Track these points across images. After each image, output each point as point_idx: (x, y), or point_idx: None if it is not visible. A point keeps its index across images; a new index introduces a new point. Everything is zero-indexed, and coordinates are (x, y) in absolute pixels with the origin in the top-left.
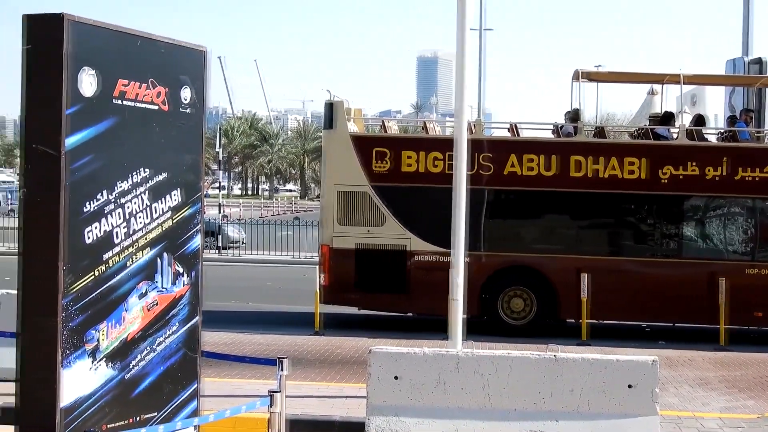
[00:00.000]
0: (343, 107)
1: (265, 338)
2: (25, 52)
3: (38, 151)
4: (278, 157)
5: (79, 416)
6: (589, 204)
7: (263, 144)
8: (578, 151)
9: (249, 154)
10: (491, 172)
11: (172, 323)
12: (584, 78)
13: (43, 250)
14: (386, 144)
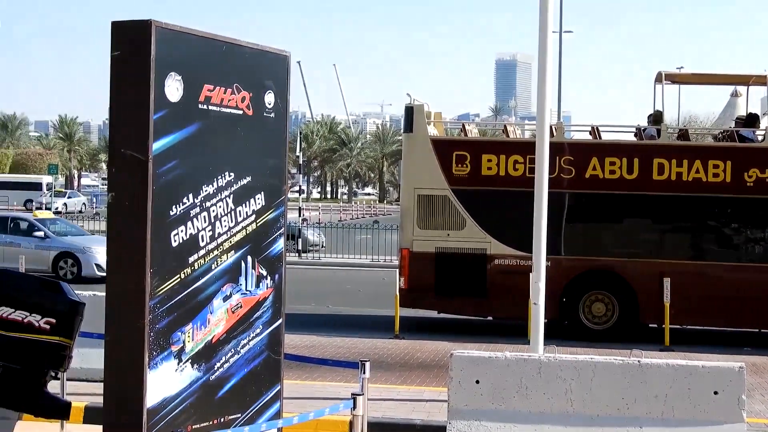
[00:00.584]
0: (423, 111)
1: (344, 341)
2: (113, 58)
3: (126, 155)
4: (357, 161)
5: (164, 417)
6: (671, 207)
7: (342, 148)
8: (661, 153)
9: (328, 158)
10: (572, 175)
11: (255, 326)
12: (667, 80)
13: (130, 253)
14: (466, 147)
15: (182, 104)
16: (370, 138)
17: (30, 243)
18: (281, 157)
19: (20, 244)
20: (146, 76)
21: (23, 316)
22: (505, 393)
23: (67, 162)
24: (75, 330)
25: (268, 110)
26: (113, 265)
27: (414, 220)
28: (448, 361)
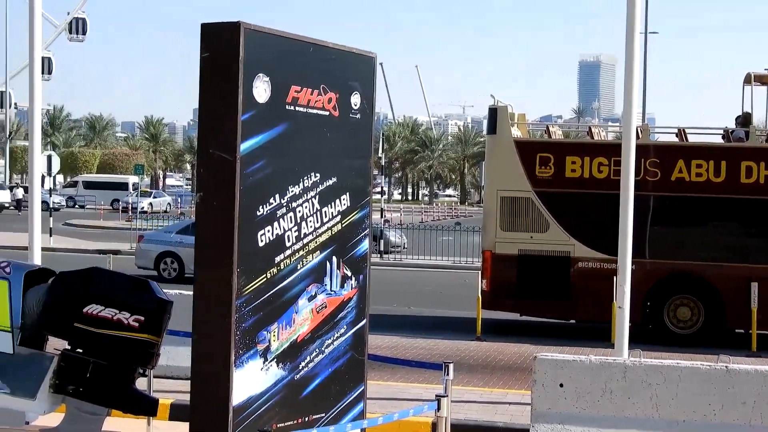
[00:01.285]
0: (506, 112)
1: (426, 343)
2: (202, 59)
3: (214, 156)
4: (438, 163)
5: (250, 415)
6: (760, 211)
7: (424, 149)
8: (750, 156)
9: (409, 159)
10: (658, 177)
11: (340, 326)
12: (756, 82)
13: (218, 253)
14: (550, 149)
15: (270, 105)
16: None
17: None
18: (367, 158)
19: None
20: (235, 78)
21: (113, 314)
22: (589, 397)
23: (152, 162)
24: (163, 328)
25: (354, 111)
26: (201, 265)
27: (497, 222)
28: (530, 364)
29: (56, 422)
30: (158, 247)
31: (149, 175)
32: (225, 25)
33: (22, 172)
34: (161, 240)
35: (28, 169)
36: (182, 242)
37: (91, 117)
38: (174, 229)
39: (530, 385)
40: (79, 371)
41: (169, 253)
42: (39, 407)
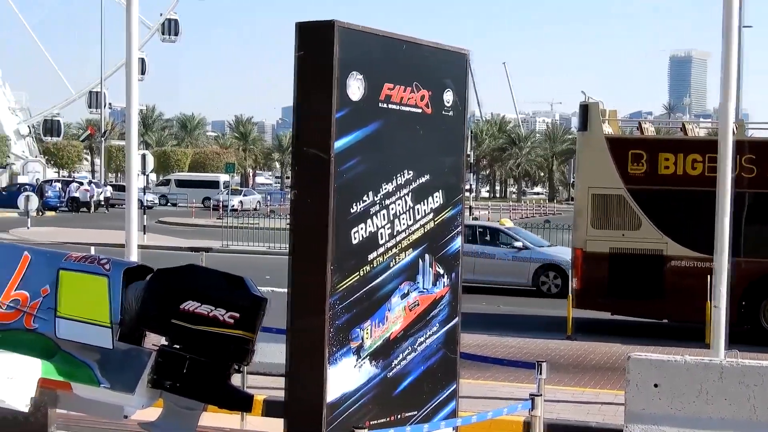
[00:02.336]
0: (597, 109)
1: (516, 341)
2: (297, 58)
3: (308, 153)
4: (526, 160)
5: (343, 412)
6: None
7: (512, 147)
8: None
9: (497, 156)
10: (754, 174)
11: (432, 324)
12: None
13: (312, 250)
14: (643, 146)
15: (363, 103)
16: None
17: (506, 254)
18: (459, 156)
19: (494, 255)
20: (329, 76)
21: (209, 310)
22: (684, 398)
23: (242, 161)
24: (257, 324)
25: (446, 108)
26: (296, 262)
27: (588, 219)
28: (622, 364)
29: (153, 417)
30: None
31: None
32: (320, 24)
33: (117, 171)
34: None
35: (125, 168)
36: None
37: (183, 116)
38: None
39: (623, 385)
40: (176, 367)
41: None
42: (137, 402)
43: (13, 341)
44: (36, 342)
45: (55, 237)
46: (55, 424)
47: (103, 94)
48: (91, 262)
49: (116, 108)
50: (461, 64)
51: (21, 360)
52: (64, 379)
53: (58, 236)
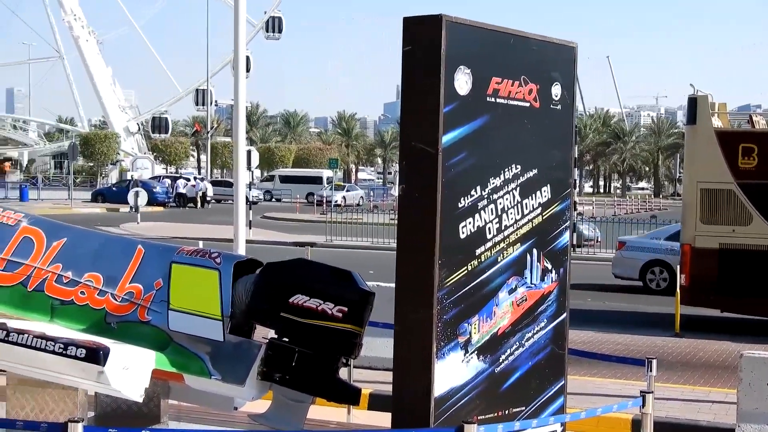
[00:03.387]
0: (707, 102)
1: (623, 338)
2: (404, 53)
3: (416, 148)
4: (631, 155)
5: (451, 407)
6: None
7: (616, 141)
8: None
9: (601, 151)
10: None
11: (540, 319)
12: None
13: (420, 245)
14: (754, 139)
15: (471, 97)
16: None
17: None
18: (567, 150)
19: None
20: (437, 70)
21: (317, 304)
22: None
23: (345, 156)
24: (365, 318)
25: (554, 102)
26: (403, 257)
27: (696, 215)
28: (733, 362)
29: (263, 409)
30: (645, 255)
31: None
32: (427, 19)
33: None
34: (648, 247)
35: (233, 164)
36: (673, 249)
37: (286, 113)
38: (662, 235)
39: (734, 383)
40: (285, 359)
41: (657, 261)
42: (247, 394)
43: (127, 333)
44: (149, 334)
45: (164, 232)
46: (168, 415)
47: (210, 91)
48: (202, 255)
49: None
50: (569, 57)
51: (135, 351)
52: (177, 371)
53: (167, 231)
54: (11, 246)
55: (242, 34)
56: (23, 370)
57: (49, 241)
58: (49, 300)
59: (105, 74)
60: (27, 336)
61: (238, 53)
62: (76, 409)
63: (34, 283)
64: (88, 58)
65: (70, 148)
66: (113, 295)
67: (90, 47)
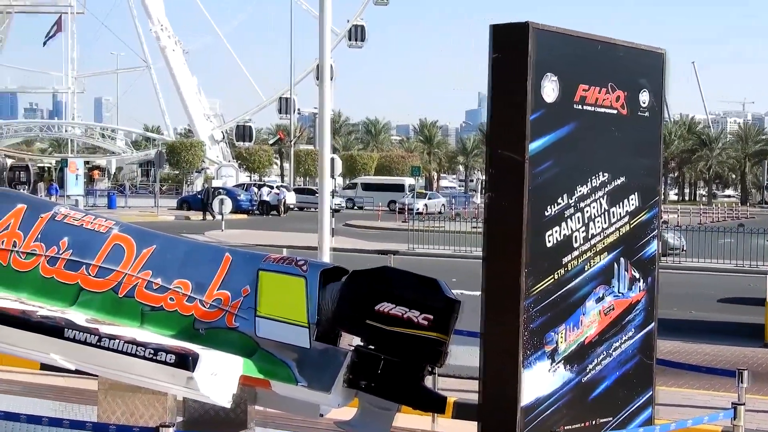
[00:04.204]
0: None
1: (710, 348)
2: (491, 60)
3: (503, 156)
4: (717, 162)
5: (537, 416)
6: None
7: (701, 148)
8: None
9: (686, 158)
10: None
11: (627, 329)
12: None
13: (506, 253)
14: None
15: (558, 105)
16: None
17: None
18: (656, 158)
19: None
20: (524, 78)
21: (403, 312)
22: None
23: (426, 164)
24: (451, 327)
25: (642, 109)
26: (490, 265)
27: None
28: None
29: (348, 416)
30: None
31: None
32: (514, 26)
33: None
34: None
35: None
36: None
37: (368, 121)
38: None
39: None
40: (371, 367)
41: None
42: (333, 401)
43: (215, 339)
44: (237, 340)
45: (248, 239)
46: (254, 421)
47: (293, 99)
48: (288, 263)
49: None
50: (657, 64)
51: (224, 357)
52: (264, 377)
53: (250, 238)
54: (102, 253)
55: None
56: (114, 375)
57: (139, 248)
58: (139, 306)
59: (190, 83)
60: (118, 341)
61: (323, 64)
62: (165, 414)
63: (125, 290)
64: (175, 67)
65: (156, 156)
66: (201, 301)
67: (176, 57)
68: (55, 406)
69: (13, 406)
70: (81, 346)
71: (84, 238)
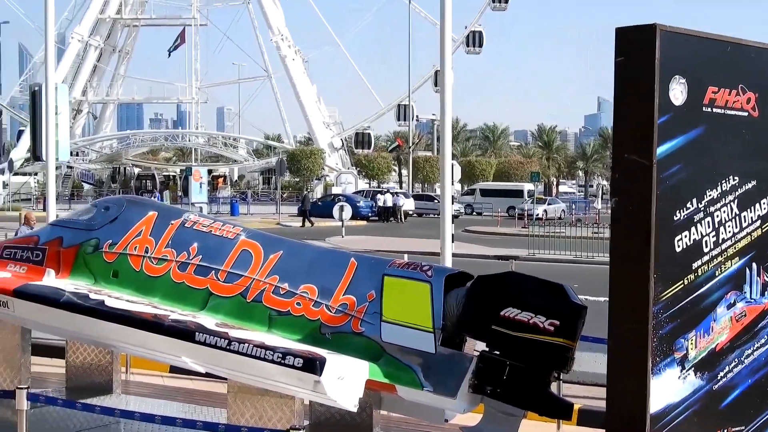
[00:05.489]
0: None
1: None
2: (617, 64)
3: (629, 160)
4: None
5: (667, 425)
6: None
7: None
8: None
9: None
10: None
11: (761, 335)
12: None
13: (634, 259)
14: None
15: (686, 108)
16: None
17: None
18: None
19: None
20: (650, 81)
21: (529, 317)
22: None
23: (545, 170)
24: (578, 332)
25: None
26: (617, 271)
27: None
28: None
29: (473, 422)
30: None
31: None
32: (640, 29)
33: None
34: None
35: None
36: None
37: (486, 127)
38: None
39: None
40: (496, 372)
41: None
42: (458, 406)
43: (341, 343)
44: (363, 345)
45: (368, 245)
46: (379, 425)
47: (411, 106)
48: (413, 268)
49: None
50: None
51: (350, 361)
52: (390, 382)
53: (370, 244)
54: (231, 258)
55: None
56: (243, 378)
57: (266, 253)
58: (267, 311)
59: (310, 92)
60: (247, 345)
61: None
62: (293, 417)
63: (253, 294)
64: (295, 76)
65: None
66: (328, 306)
67: (296, 66)
68: (185, 408)
69: (145, 408)
70: (211, 349)
71: (213, 244)
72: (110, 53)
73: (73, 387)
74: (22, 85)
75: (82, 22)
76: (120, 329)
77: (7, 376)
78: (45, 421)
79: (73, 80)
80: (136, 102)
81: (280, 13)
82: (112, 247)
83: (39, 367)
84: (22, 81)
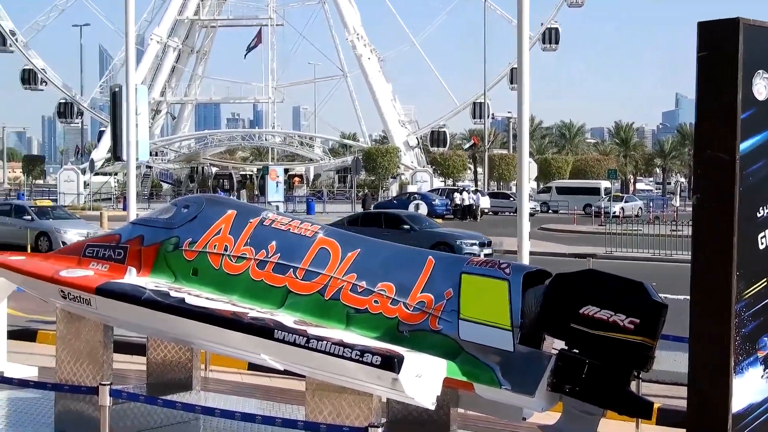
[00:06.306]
0: None
1: None
2: (699, 59)
3: (712, 156)
4: None
5: (750, 424)
6: None
7: None
8: None
9: None
10: None
11: None
12: None
13: (716, 256)
14: None
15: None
16: None
17: None
18: None
19: None
20: (733, 76)
21: (608, 315)
22: None
23: (622, 167)
24: (658, 331)
25: None
26: (699, 268)
27: None
28: None
29: (551, 420)
30: None
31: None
32: (723, 23)
33: (499, 179)
34: None
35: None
36: None
37: (562, 124)
38: None
39: None
40: (575, 371)
41: None
42: (537, 405)
43: (419, 341)
44: (441, 343)
45: None
46: (456, 423)
47: (487, 104)
48: (492, 266)
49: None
50: None
51: (428, 359)
52: (467, 380)
53: None
54: (309, 256)
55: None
56: (322, 376)
57: (344, 251)
58: (345, 308)
59: (386, 90)
60: (326, 342)
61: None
62: (371, 415)
63: (331, 292)
64: (370, 75)
65: (353, 162)
66: (405, 304)
67: (372, 65)
68: (263, 405)
69: (224, 405)
70: (290, 347)
71: (291, 242)
72: (188, 54)
73: (154, 384)
74: (103, 87)
75: (160, 24)
76: (200, 326)
77: (90, 373)
78: (126, 417)
79: (152, 81)
80: (214, 102)
81: (355, 12)
82: (192, 246)
83: (121, 364)
84: (103, 82)
